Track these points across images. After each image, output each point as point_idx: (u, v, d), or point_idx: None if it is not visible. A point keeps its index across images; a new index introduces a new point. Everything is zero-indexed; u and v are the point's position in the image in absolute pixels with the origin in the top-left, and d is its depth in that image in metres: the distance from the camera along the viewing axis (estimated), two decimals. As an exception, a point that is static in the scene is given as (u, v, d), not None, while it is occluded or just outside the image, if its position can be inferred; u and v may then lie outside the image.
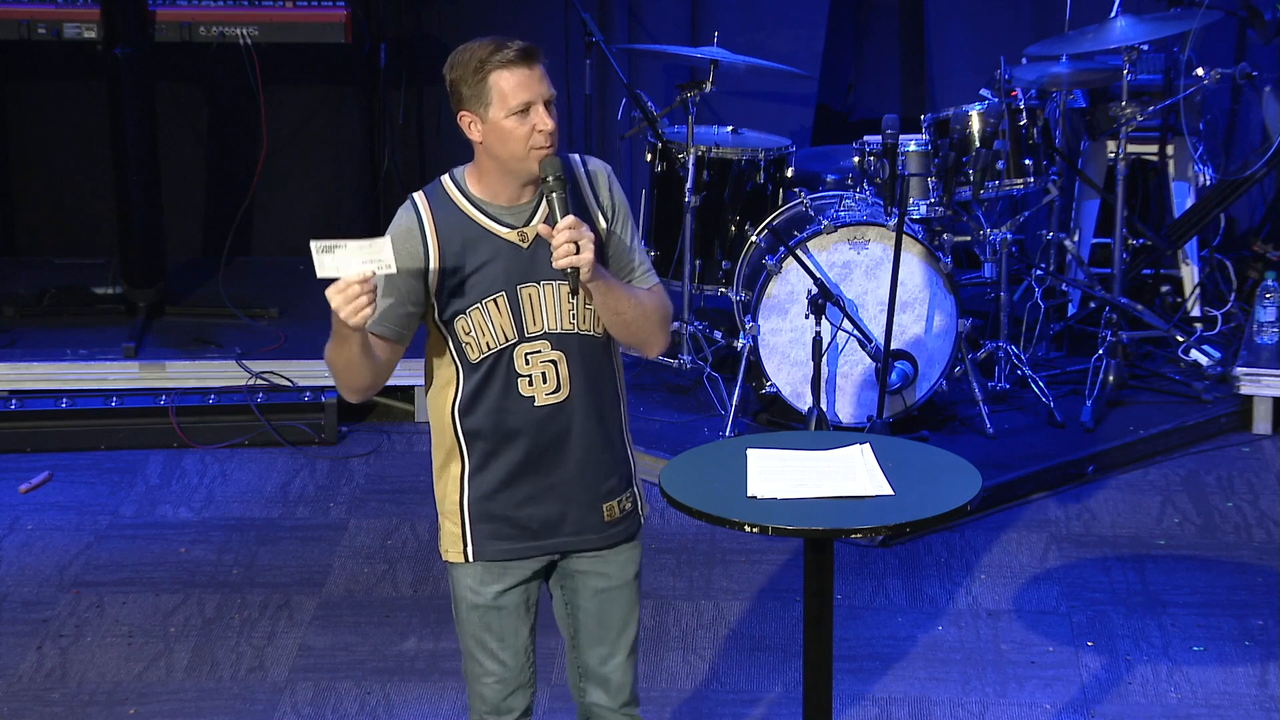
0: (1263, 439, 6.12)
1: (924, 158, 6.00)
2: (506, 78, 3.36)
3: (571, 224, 3.33)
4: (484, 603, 3.56)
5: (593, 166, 3.51)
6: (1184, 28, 6.18)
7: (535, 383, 3.46)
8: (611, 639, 3.62)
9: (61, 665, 4.86)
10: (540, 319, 3.45)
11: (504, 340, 3.45)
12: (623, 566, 3.59)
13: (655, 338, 3.50)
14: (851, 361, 5.84)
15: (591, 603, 3.60)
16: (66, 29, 6.52)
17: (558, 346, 3.46)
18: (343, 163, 7.27)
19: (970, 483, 3.53)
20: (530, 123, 3.37)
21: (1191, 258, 6.64)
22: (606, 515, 3.54)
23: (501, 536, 3.53)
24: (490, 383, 3.46)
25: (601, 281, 3.37)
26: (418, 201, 3.48)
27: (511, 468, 3.49)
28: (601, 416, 3.51)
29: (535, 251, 3.43)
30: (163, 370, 6.30)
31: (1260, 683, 4.73)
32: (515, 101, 3.36)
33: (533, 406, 3.46)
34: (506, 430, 3.47)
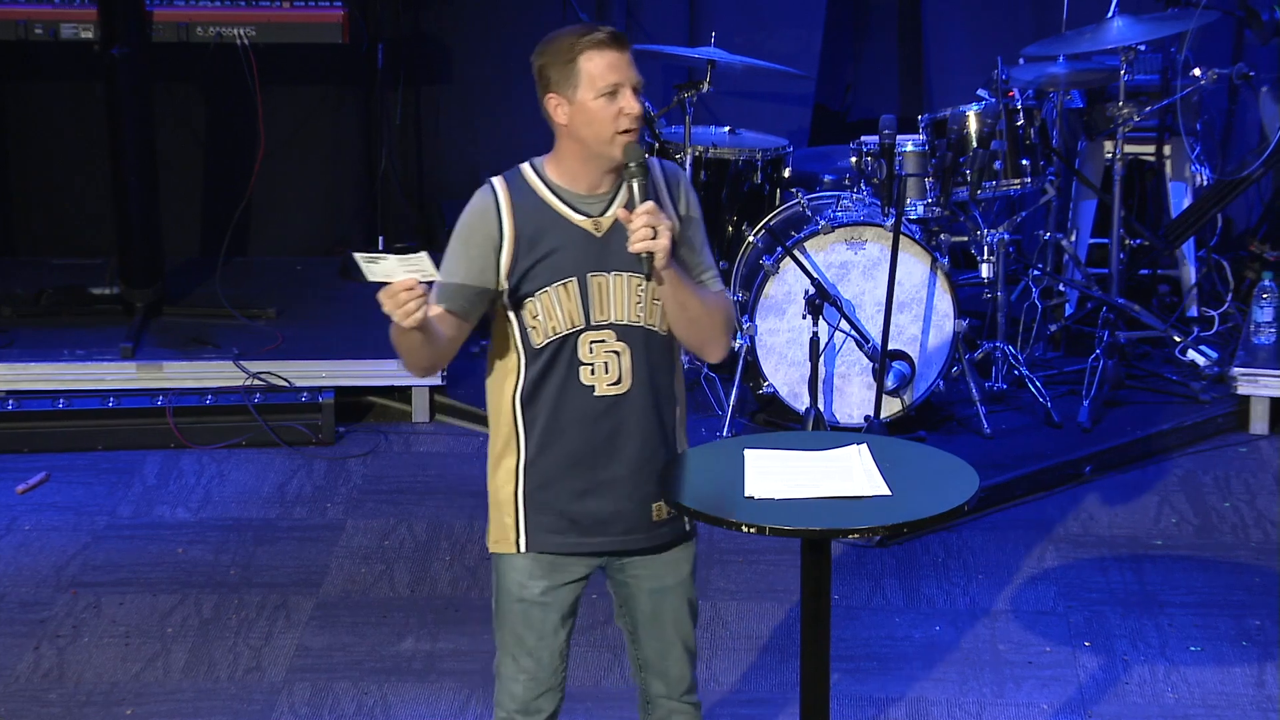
0: (1260, 439, 6.12)
1: (921, 158, 6.01)
2: (596, 60, 3.40)
3: (650, 209, 3.36)
4: (530, 597, 3.57)
5: (670, 168, 3.54)
6: (1181, 28, 6.18)
7: (597, 372, 3.48)
8: (668, 636, 3.65)
9: (59, 665, 4.85)
10: (608, 308, 3.47)
11: (570, 326, 3.47)
12: (676, 567, 3.62)
13: (717, 340, 3.52)
14: (849, 362, 5.84)
15: (647, 604, 3.63)
16: (64, 29, 6.52)
17: (622, 338, 3.49)
18: (340, 163, 7.27)
19: (967, 483, 3.53)
20: (617, 105, 3.40)
21: (1189, 258, 6.64)
22: (655, 515, 3.55)
23: (554, 529, 3.55)
24: (553, 370, 3.49)
25: (674, 272, 3.40)
26: (495, 185, 3.51)
27: (567, 459, 3.51)
28: (659, 414, 3.53)
29: (609, 241, 3.46)
30: (160, 371, 6.30)
31: (1257, 683, 4.73)
32: (604, 83, 3.39)
33: (592, 396, 3.48)
34: (564, 420, 3.49)
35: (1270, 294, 6.34)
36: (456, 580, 5.28)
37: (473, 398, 6.30)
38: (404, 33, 7.10)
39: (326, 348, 6.39)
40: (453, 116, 7.22)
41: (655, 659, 3.68)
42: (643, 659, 3.70)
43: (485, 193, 3.49)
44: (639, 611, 3.65)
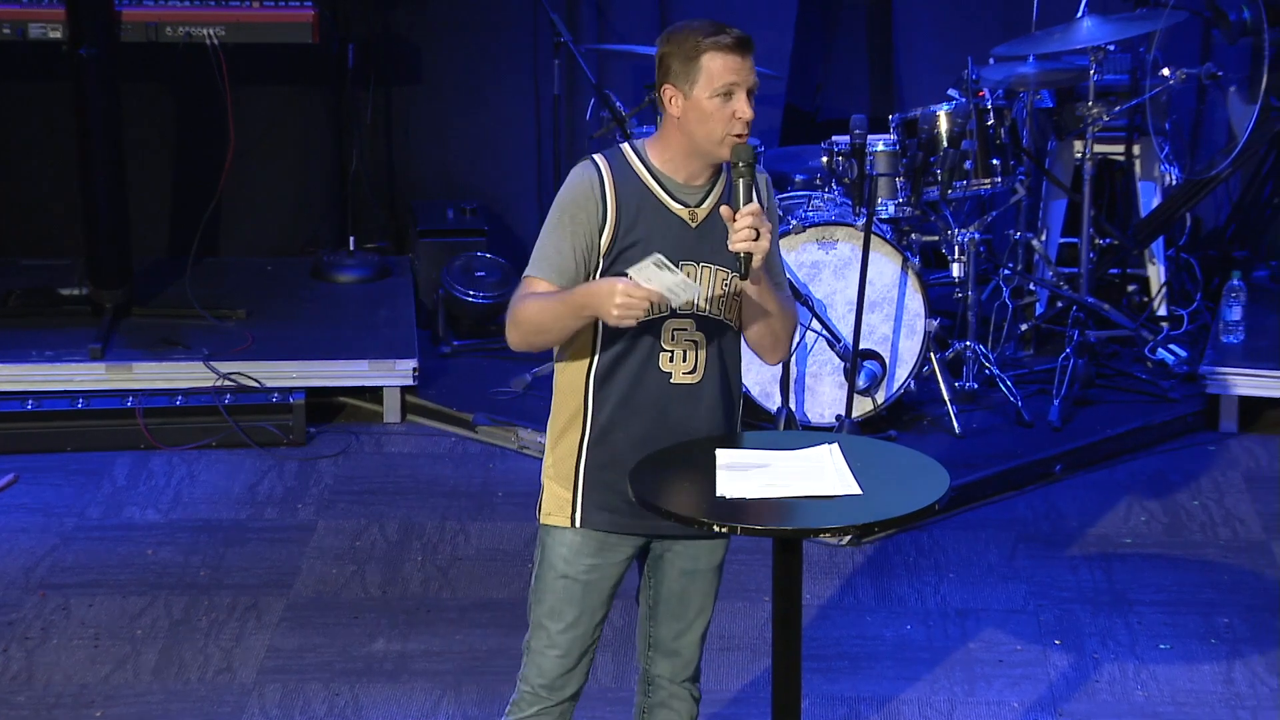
0: (1229, 438, 6.14)
1: (892, 158, 6.02)
2: (719, 60, 3.45)
3: (755, 210, 3.42)
4: (574, 574, 3.62)
5: (761, 172, 3.59)
6: (1149, 28, 6.21)
7: (675, 360, 3.54)
8: (690, 617, 3.70)
9: (27, 668, 4.83)
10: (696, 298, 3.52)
11: (656, 311, 3.50)
12: (712, 552, 3.67)
13: (783, 344, 3.61)
14: (820, 361, 5.85)
15: (676, 583, 3.68)
16: (32, 29, 6.48)
17: (702, 328, 3.54)
18: (310, 163, 7.25)
19: (938, 482, 3.54)
20: (731, 107, 3.45)
21: (1158, 257, 6.67)
22: None
23: (609, 508, 3.59)
24: (633, 352, 3.54)
25: (764, 274, 3.47)
26: (598, 162, 3.54)
27: (635, 440, 3.56)
28: (725, 408, 3.60)
29: (703, 231, 3.52)
30: (129, 371, 6.27)
31: (1226, 680, 4.75)
32: (720, 83, 3.44)
33: (668, 383, 3.54)
34: (638, 402, 3.55)
35: (1239, 293, 6.36)
36: (428, 581, 5.27)
37: (444, 398, 6.29)
38: (374, 32, 7.09)
39: (297, 348, 6.37)
40: (423, 117, 7.21)
41: (668, 639, 3.72)
42: (655, 638, 3.73)
43: (588, 169, 3.53)
44: (666, 589, 3.69)
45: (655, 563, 3.70)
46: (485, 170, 7.21)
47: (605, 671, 4.79)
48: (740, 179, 3.45)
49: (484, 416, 6.17)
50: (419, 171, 7.25)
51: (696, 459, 3.60)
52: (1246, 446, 6.07)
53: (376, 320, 6.54)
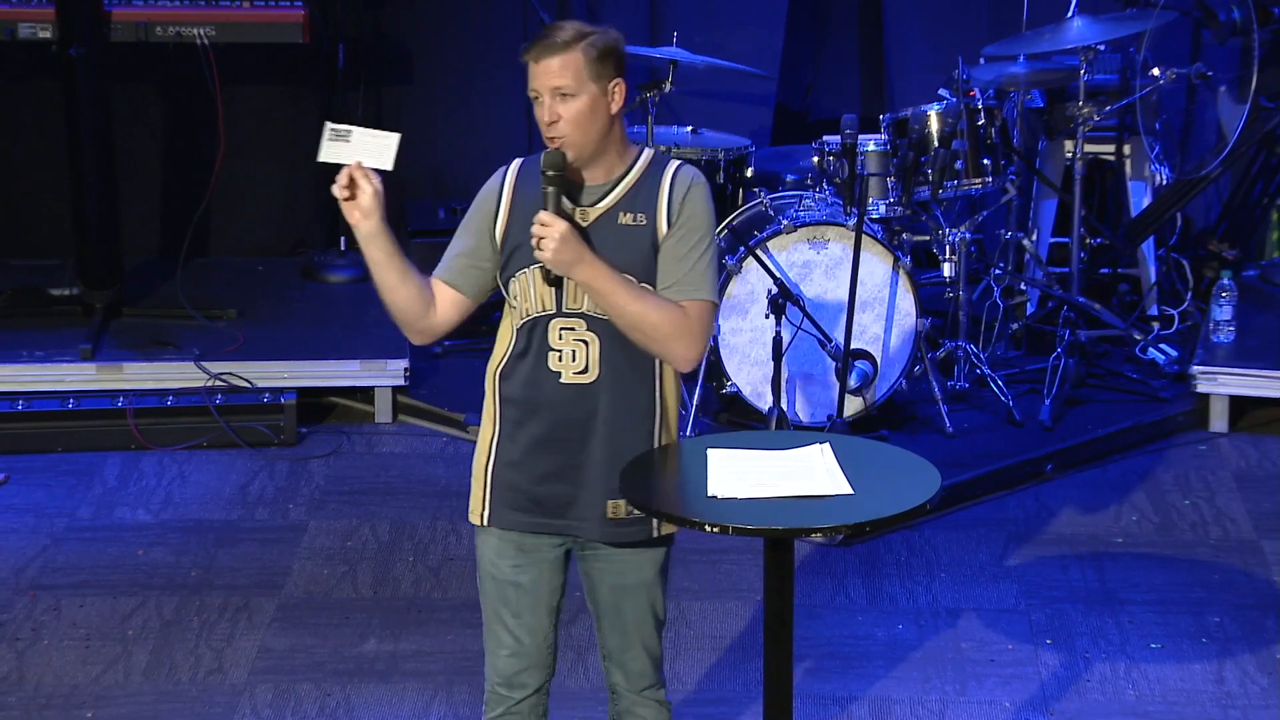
0: (1219, 437, 6.15)
1: (883, 157, 6.02)
2: (528, 69, 3.50)
3: (542, 219, 3.44)
4: (501, 576, 3.62)
5: (681, 176, 3.55)
6: (1140, 28, 6.21)
7: (565, 359, 3.54)
8: (628, 631, 3.68)
9: (18, 669, 4.83)
10: (582, 298, 3.52)
11: (542, 309, 3.53)
12: (638, 568, 3.64)
13: (668, 348, 3.51)
14: (811, 361, 5.85)
15: (608, 597, 3.67)
16: (21, 29, 6.47)
17: (592, 328, 3.53)
18: (300, 163, 7.24)
19: (929, 481, 3.54)
20: (539, 113, 3.50)
21: (1148, 257, 6.67)
22: (610, 512, 3.57)
23: (516, 507, 3.59)
24: (527, 351, 3.56)
25: (587, 276, 3.44)
26: (511, 165, 3.61)
27: (534, 440, 3.56)
28: (630, 412, 3.56)
29: (594, 232, 3.51)
30: (120, 372, 6.26)
31: (1217, 679, 4.75)
32: (531, 92, 3.50)
33: (559, 383, 3.54)
34: (534, 402, 3.56)
35: (1229, 292, 6.37)
36: (419, 581, 5.27)
37: (436, 398, 6.29)
38: (365, 33, 7.08)
39: (288, 348, 6.37)
40: (414, 117, 7.20)
41: (616, 651, 3.71)
42: (605, 649, 3.73)
43: (499, 171, 3.61)
44: (600, 602, 3.69)
45: (586, 575, 3.68)
46: (476, 170, 7.14)
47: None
48: (547, 186, 3.46)
49: (475, 416, 6.11)
50: (410, 172, 7.24)
51: (687, 459, 3.61)
52: (1237, 446, 6.08)
53: (367, 320, 6.53)
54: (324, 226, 7.22)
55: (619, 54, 3.54)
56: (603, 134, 3.50)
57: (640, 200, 3.53)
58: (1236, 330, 6.37)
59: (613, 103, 3.52)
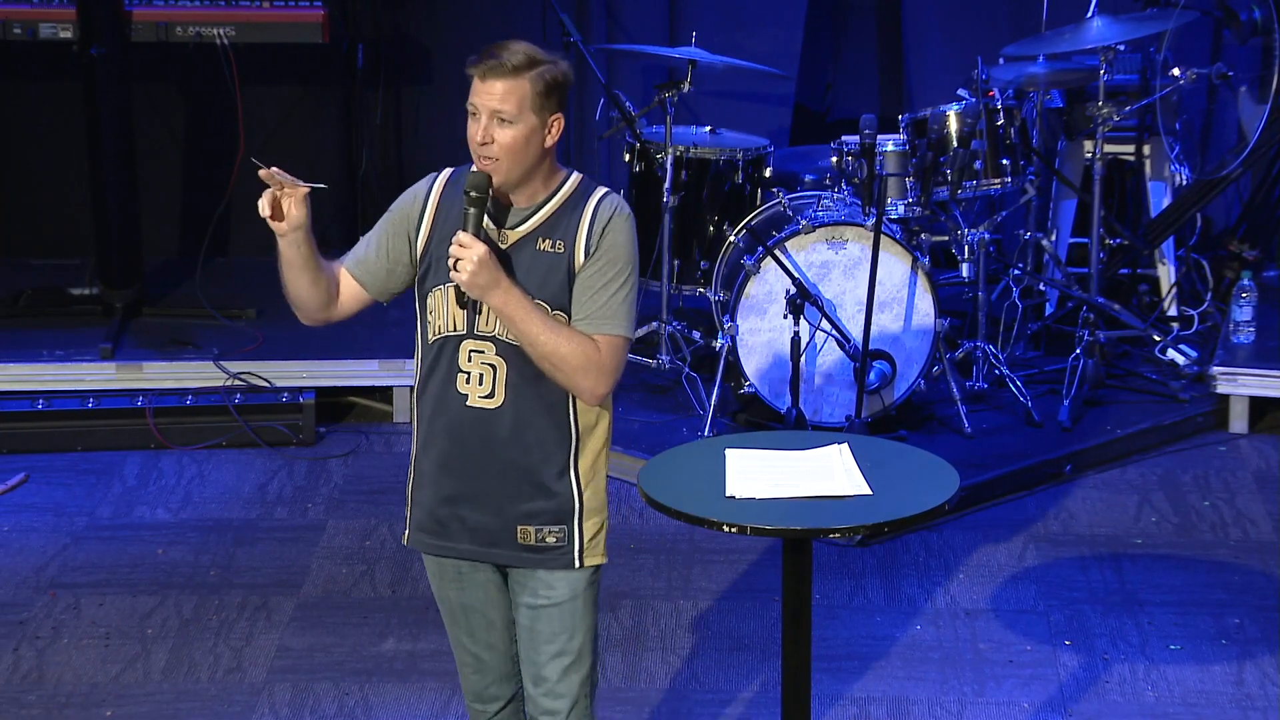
0: (1239, 438, 6.13)
1: (902, 158, 6.01)
2: (472, 81, 3.49)
3: (461, 241, 3.39)
4: (447, 599, 3.64)
5: (604, 206, 3.48)
6: (1160, 28, 6.20)
7: (472, 382, 3.49)
8: (540, 661, 3.56)
9: (38, 667, 4.84)
10: (495, 321, 3.46)
11: (454, 329, 3.50)
12: (551, 587, 3.54)
13: (575, 381, 3.43)
14: (830, 361, 5.85)
15: (525, 618, 3.58)
16: (42, 29, 6.49)
17: (501, 353, 3.48)
18: (320, 163, 7.25)
19: (948, 482, 3.54)
20: (474, 127, 3.47)
21: (1168, 257, 6.66)
22: (520, 537, 3.52)
23: (422, 528, 3.60)
24: (437, 369, 3.53)
25: (500, 302, 3.39)
26: (441, 174, 3.59)
27: (439, 461, 3.54)
28: (537, 440, 3.49)
29: (512, 255, 3.46)
30: (140, 371, 6.28)
31: (1237, 681, 4.74)
32: (469, 103, 3.49)
33: (464, 405, 3.50)
34: (440, 422, 3.53)
35: (1249, 293, 6.35)
36: (437, 580, 5.27)
37: (453, 398, 6.29)
38: (384, 33, 7.09)
39: (307, 348, 6.38)
40: (433, 117, 7.21)
41: (530, 686, 3.60)
42: (526, 688, 3.63)
43: (428, 177, 3.59)
44: (520, 625, 3.60)
45: (512, 596, 3.60)
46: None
47: (615, 671, 4.79)
48: (467, 207, 3.42)
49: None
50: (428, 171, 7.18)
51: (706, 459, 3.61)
52: (1256, 446, 6.07)
53: (386, 320, 6.53)
54: (343, 226, 7.22)
55: (565, 89, 3.46)
56: (534, 164, 3.45)
57: (560, 227, 3.46)
58: (1256, 331, 6.36)
59: (549, 136, 3.45)
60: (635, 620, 5.03)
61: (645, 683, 4.76)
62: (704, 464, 3.60)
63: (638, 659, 4.84)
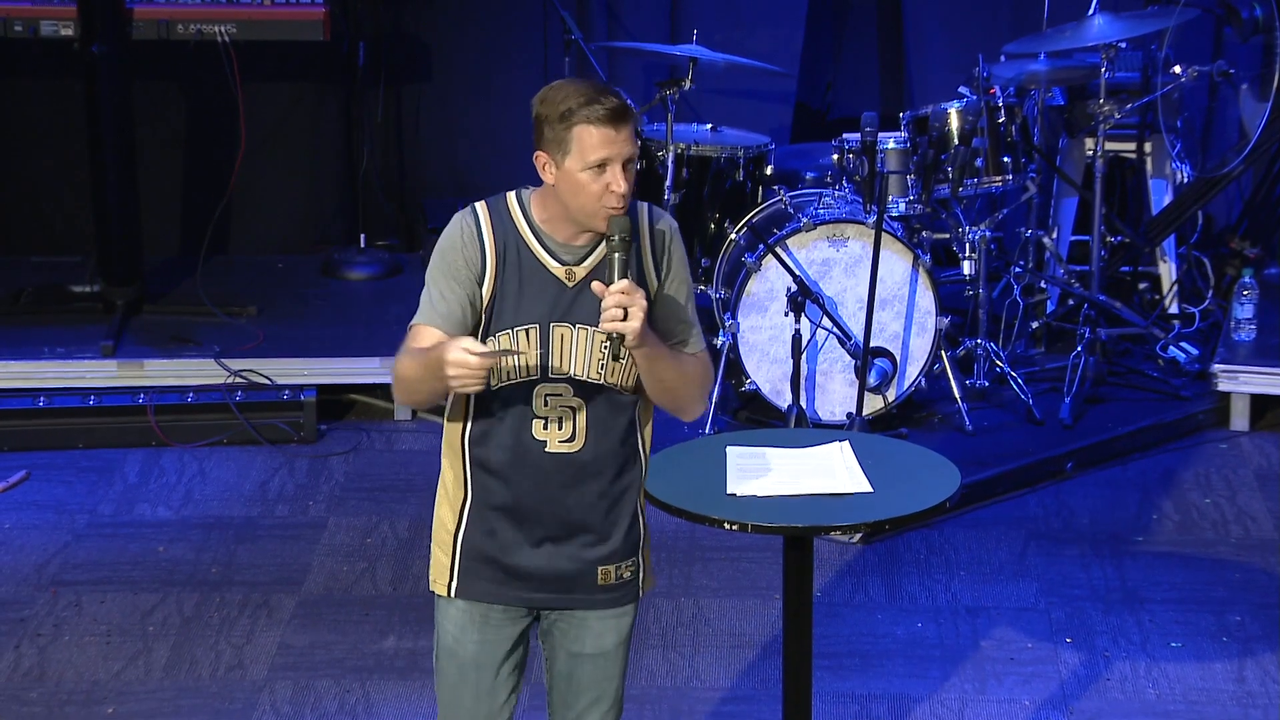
0: (1240, 435, 6.13)
1: (903, 155, 6.01)
2: (592, 134, 3.25)
3: (625, 289, 3.22)
4: (464, 656, 3.45)
5: (660, 224, 3.39)
6: (1161, 25, 6.20)
7: (550, 426, 3.34)
8: (578, 707, 3.49)
9: (39, 664, 4.84)
10: (569, 362, 3.33)
11: (526, 374, 3.34)
12: (600, 636, 3.46)
13: (694, 405, 3.41)
14: (831, 359, 5.85)
15: (564, 665, 3.49)
16: (43, 27, 6.49)
17: (579, 394, 3.34)
18: (321, 161, 7.26)
19: (949, 480, 3.54)
20: (604, 180, 3.25)
21: (1169, 255, 6.66)
22: (601, 579, 3.43)
23: (487, 578, 3.42)
24: (505, 416, 3.36)
25: (647, 348, 3.28)
26: (479, 210, 3.37)
27: (511, 509, 3.38)
28: (616, 476, 3.40)
29: (579, 292, 3.32)
30: (141, 369, 6.28)
31: (1238, 678, 4.74)
32: (594, 157, 3.25)
33: (544, 451, 3.35)
34: (513, 470, 3.36)
35: (1250, 290, 6.35)
36: (438, 578, 5.27)
37: (454, 395, 6.29)
38: (385, 30, 7.09)
39: (308, 346, 6.38)
40: (434, 115, 7.21)
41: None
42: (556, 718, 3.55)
43: (468, 217, 3.36)
44: (555, 672, 3.51)
45: (546, 639, 3.49)
46: (496, 168, 7.21)
47: None
48: (614, 254, 3.24)
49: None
50: (429, 169, 7.26)
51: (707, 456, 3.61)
52: (1258, 444, 6.07)
53: (387, 317, 6.54)
54: (344, 224, 7.23)
55: None
56: None
57: (606, 273, 3.29)
58: (1258, 328, 6.36)
59: None
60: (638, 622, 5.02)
61: (646, 680, 4.76)
62: (705, 462, 3.60)
63: (639, 656, 4.84)
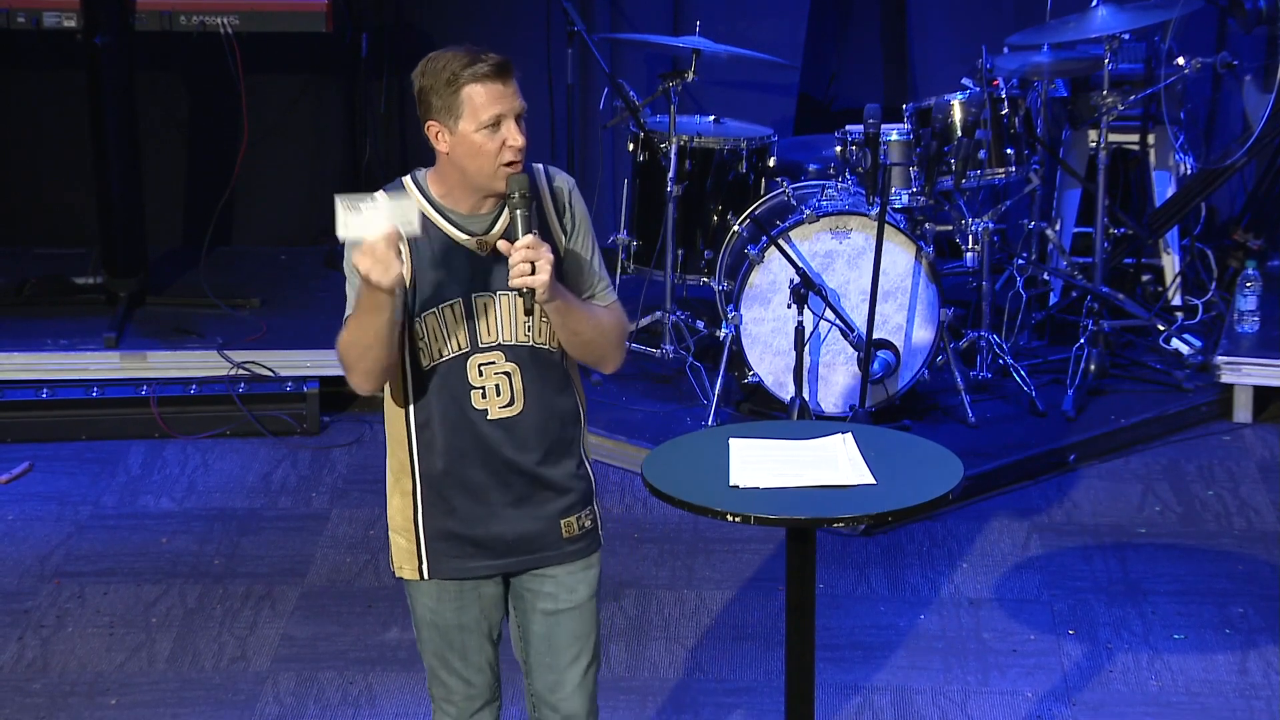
0: (1243, 427, 6.13)
1: (906, 147, 6.01)
2: (480, 92, 3.30)
3: (530, 243, 3.27)
4: (443, 622, 3.52)
5: (557, 181, 3.45)
6: (1164, 17, 6.19)
7: (489, 395, 3.40)
8: (560, 666, 3.54)
9: (43, 656, 4.85)
10: (495, 329, 3.39)
11: (457, 349, 3.39)
12: (573, 590, 3.51)
13: (611, 355, 3.46)
14: (834, 351, 5.85)
15: (540, 626, 3.53)
16: (46, 18, 6.49)
17: (511, 358, 3.40)
18: (324, 152, 7.26)
19: (952, 471, 3.54)
20: (500, 137, 3.32)
21: (1172, 247, 6.65)
22: (565, 532, 3.49)
23: (457, 554, 3.48)
24: (443, 393, 3.41)
25: (560, 301, 3.33)
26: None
27: (465, 484, 3.43)
28: (560, 431, 3.46)
29: (493, 261, 3.38)
30: (144, 360, 6.28)
31: (1240, 670, 4.74)
32: (487, 115, 3.30)
33: (486, 420, 3.41)
34: (460, 445, 3.42)
35: (1253, 282, 6.35)
36: (441, 570, 5.28)
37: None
38: (387, 22, 7.09)
39: (311, 337, 6.38)
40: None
41: (546, 693, 3.57)
42: (535, 692, 3.59)
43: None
44: (532, 635, 3.55)
45: (518, 605, 3.54)
46: (498, 159, 7.20)
47: (618, 661, 4.79)
48: (516, 210, 3.28)
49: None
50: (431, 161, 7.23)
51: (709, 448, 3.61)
52: (1261, 436, 6.07)
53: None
54: (347, 216, 7.22)
55: None
56: None
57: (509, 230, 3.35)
58: (1261, 320, 6.36)
59: None
60: (639, 610, 5.04)
61: (649, 672, 4.76)
62: (708, 453, 3.60)
63: (641, 649, 4.85)
